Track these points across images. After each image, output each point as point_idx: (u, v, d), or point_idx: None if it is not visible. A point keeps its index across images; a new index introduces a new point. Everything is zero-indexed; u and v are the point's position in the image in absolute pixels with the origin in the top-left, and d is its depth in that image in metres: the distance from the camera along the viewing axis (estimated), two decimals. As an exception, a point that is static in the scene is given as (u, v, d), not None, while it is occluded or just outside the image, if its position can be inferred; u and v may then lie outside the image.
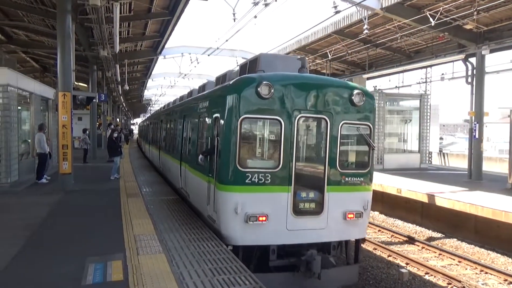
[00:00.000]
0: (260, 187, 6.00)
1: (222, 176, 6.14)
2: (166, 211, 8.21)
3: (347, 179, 6.48)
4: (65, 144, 10.41)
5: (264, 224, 6.01)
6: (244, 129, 6.12)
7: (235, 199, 5.95)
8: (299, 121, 6.25)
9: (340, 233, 6.52)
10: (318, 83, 6.54)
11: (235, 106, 6.05)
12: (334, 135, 6.40)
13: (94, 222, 7.37)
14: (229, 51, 24.18)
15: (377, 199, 15.06)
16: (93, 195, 10.21)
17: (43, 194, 10.20)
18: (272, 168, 6.11)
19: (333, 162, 6.39)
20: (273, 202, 6.07)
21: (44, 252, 5.69)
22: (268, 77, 6.19)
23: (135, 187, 11.29)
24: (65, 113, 10.43)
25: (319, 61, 23.10)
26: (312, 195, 6.32)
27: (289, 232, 6.15)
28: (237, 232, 6.03)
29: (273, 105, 6.09)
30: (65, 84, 10.56)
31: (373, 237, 11.74)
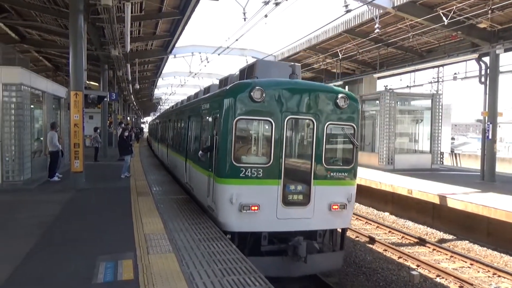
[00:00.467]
0: (253, 180, 6.75)
1: (219, 170, 6.87)
2: (176, 210, 8.24)
3: (332, 174, 7.20)
4: (77, 142, 10.52)
5: (256, 213, 6.74)
6: (239, 128, 6.85)
7: (231, 191, 6.68)
8: (288, 122, 6.98)
9: (325, 223, 7.21)
10: (306, 88, 7.24)
11: (231, 108, 6.80)
12: (320, 135, 7.11)
13: (105, 221, 7.44)
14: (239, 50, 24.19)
15: (387, 199, 14.93)
16: (104, 194, 10.30)
17: (55, 192, 10.33)
18: (264, 163, 6.85)
19: (319, 159, 7.11)
20: (264, 194, 6.80)
21: (56, 250, 5.75)
22: (261, 82, 6.92)
23: (145, 186, 11.36)
24: (77, 112, 10.53)
25: (329, 60, 22.96)
26: (300, 188, 7.03)
27: (279, 220, 6.88)
28: (232, 220, 6.75)
29: (265, 108, 6.82)
30: (77, 84, 10.66)
31: (383, 238, 11.63)
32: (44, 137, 13.11)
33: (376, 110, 19.49)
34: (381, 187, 14.40)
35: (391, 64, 21.30)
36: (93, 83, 26.67)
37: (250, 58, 25.44)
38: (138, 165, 17.05)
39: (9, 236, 6.49)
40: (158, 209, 8.32)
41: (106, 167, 16.00)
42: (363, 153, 20.00)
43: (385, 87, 22.45)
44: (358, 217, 13.98)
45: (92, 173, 12.80)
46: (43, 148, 13.09)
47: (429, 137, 18.80)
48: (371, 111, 20.61)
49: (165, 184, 12.01)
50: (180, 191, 10.67)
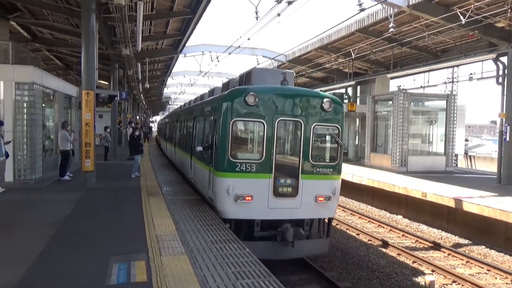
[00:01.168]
0: (247, 174, 7.78)
1: (218, 165, 7.95)
2: (187, 211, 8.24)
3: (318, 170, 8.18)
4: (88, 142, 10.60)
5: (250, 202, 7.75)
6: (235, 129, 7.95)
7: (227, 183, 7.72)
8: (279, 123, 8.00)
9: (312, 212, 8.22)
10: (295, 93, 8.27)
11: (228, 111, 7.87)
12: (307, 134, 8.09)
13: (116, 221, 7.46)
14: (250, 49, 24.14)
15: (400, 202, 14.77)
16: (114, 193, 10.35)
17: (66, 191, 10.41)
18: (257, 159, 7.88)
19: (307, 156, 8.09)
20: (257, 186, 7.81)
21: (68, 251, 5.78)
22: (254, 89, 7.99)
23: (155, 186, 11.40)
24: (89, 111, 10.61)
25: (341, 60, 22.81)
26: (289, 181, 8.05)
27: (270, 210, 7.87)
28: (229, 208, 7.78)
29: (258, 111, 7.86)
30: (89, 83, 10.74)
31: (396, 242, 11.49)
32: (55, 136, 13.25)
33: (389, 110, 19.30)
34: (394, 189, 14.24)
35: (405, 64, 21.07)
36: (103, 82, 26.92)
37: (261, 57, 25.40)
38: (147, 164, 17.14)
39: (21, 235, 6.54)
40: (169, 209, 8.33)
41: (116, 167, 16.11)
42: (375, 155, 19.84)
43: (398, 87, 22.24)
44: (370, 220, 13.85)
45: (102, 172, 12.88)
46: (54, 147, 13.22)
47: (443, 139, 18.55)
48: (384, 111, 20.42)
49: (175, 184, 12.03)
50: (190, 191, 10.68)
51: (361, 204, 16.76)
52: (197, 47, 24.95)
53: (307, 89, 9.45)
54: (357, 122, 24.13)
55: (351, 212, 14.97)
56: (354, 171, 17.61)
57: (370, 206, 16.24)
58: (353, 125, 24.21)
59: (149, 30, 18.70)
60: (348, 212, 15.09)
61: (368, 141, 20.35)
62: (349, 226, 12.81)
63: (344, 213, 14.98)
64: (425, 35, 16.67)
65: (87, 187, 10.63)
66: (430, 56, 19.48)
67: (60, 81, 14.27)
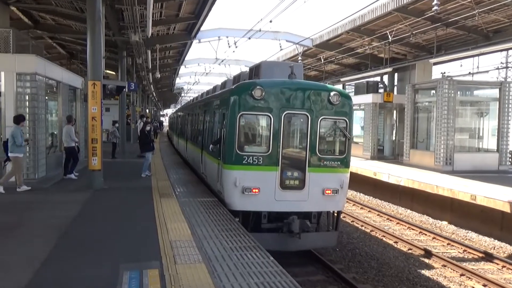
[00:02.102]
0: (254, 167, 8.77)
1: (226, 158, 8.97)
2: (204, 215, 8.32)
3: (326, 163, 9.09)
4: (95, 138, 10.80)
5: (257, 195, 8.72)
6: (243, 122, 8.90)
7: (235, 175, 8.72)
8: (286, 116, 8.90)
9: (319, 205, 9.16)
10: (302, 87, 9.17)
11: (236, 105, 8.87)
12: (314, 128, 8.99)
13: (126, 225, 7.61)
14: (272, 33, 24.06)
15: (445, 206, 14.47)
16: (124, 194, 10.56)
17: (71, 191, 10.68)
18: (264, 152, 8.85)
19: (313, 149, 9.00)
20: (264, 178, 8.78)
21: (76, 256, 5.93)
22: (261, 82, 8.98)
23: (168, 187, 11.55)
24: (95, 104, 10.81)
25: (376, 43, 22.47)
26: (296, 174, 9.00)
27: (277, 202, 8.83)
28: (236, 200, 8.80)
29: (264, 104, 8.80)
30: (95, 72, 10.93)
31: (441, 251, 11.28)
32: (59, 131, 13.58)
33: (432, 101, 18.90)
34: (438, 191, 13.96)
35: (450, 48, 20.54)
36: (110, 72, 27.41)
37: (284, 42, 25.28)
38: (159, 162, 17.38)
39: (27, 238, 6.76)
40: (184, 212, 8.43)
41: (125, 165, 16.42)
42: (415, 152, 19.50)
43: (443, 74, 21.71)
44: (410, 226, 13.64)
45: (110, 171, 13.14)
46: (58, 143, 13.55)
47: (496, 133, 18.00)
48: (426, 102, 20.01)
49: (189, 184, 12.16)
50: (206, 192, 10.77)
51: (399, 208, 16.52)
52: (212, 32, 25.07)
53: (314, 82, 10.60)
54: (394, 115, 23.76)
55: (387, 217, 14.78)
56: (391, 171, 17.37)
57: (409, 211, 15.98)
58: (389, 118, 23.85)
59: (160, 13, 18.90)
60: (384, 217, 14.91)
61: (407, 136, 20.00)
62: (385, 233, 12.66)
63: (380, 218, 14.81)
64: (474, 13, 16.17)
65: (94, 187, 10.87)
66: (480, 37, 18.90)
67: (64, 71, 14.59)
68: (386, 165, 19.65)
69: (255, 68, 10.68)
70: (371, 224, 13.54)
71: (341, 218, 14.47)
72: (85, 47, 11.37)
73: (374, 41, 22.31)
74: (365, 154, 22.87)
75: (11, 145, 10.20)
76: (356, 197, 18.70)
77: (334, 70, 32.69)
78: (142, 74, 29.53)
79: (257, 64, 10.75)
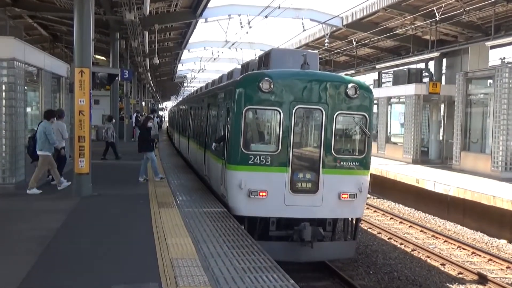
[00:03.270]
0: (261, 167, 9.24)
1: (230, 157, 9.53)
2: (211, 228, 8.36)
3: (342, 163, 9.51)
4: (82, 135, 10.91)
5: (264, 198, 9.21)
6: (249, 118, 9.43)
7: (240, 177, 9.20)
8: (297, 111, 9.35)
9: (334, 211, 9.62)
10: (315, 78, 9.63)
11: (241, 98, 9.39)
12: (329, 124, 9.40)
13: (119, 238, 7.69)
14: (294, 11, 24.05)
15: (504, 221, 14.25)
16: (116, 203, 10.68)
17: (55, 199, 10.85)
18: (272, 151, 9.33)
19: (329, 148, 9.43)
20: (272, 180, 9.25)
21: (60, 276, 6.02)
22: (269, 73, 9.48)
23: (168, 194, 11.65)
24: (83, 95, 10.92)
25: (420, 22, 22.26)
26: (309, 176, 9.44)
27: (286, 207, 9.28)
28: (241, 204, 9.34)
29: (273, 98, 9.25)
30: (83, 58, 11.03)
31: (499, 276, 11.12)
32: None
33: (488, 93, 18.65)
34: (495, 203, 13.78)
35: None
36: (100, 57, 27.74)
37: (307, 21, 25.23)
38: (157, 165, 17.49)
39: (3, 254, 6.88)
40: (187, 225, 8.49)
41: (117, 168, 16.59)
42: (467, 154, 19.28)
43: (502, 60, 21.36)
44: (461, 245, 13.49)
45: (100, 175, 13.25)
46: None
47: None
48: (481, 94, 19.76)
49: (193, 192, 12.23)
50: (213, 201, 10.83)
51: (447, 222, 16.35)
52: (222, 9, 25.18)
53: (330, 73, 11.15)
54: (442, 110, 23.52)
55: (432, 234, 14.64)
56: (437, 177, 17.20)
57: (459, 226, 15.81)
58: (435, 113, 23.63)
59: (159, -14, 19.05)
60: (429, 233, 14.77)
61: (458, 135, 19.77)
62: (430, 253, 12.55)
63: (423, 235, 14.68)
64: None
65: (82, 194, 11.00)
66: (550, 15, 18.59)
67: (46, 56, 14.76)
68: (431, 170, 19.47)
69: (264, 57, 11.16)
70: (413, 242, 13.42)
71: (376, 234, 14.43)
72: (71, 28, 11.56)
73: (417, 20, 22.09)
74: (406, 157, 22.71)
75: (41, 142, 11.27)
76: (394, 209, 18.57)
77: (368, 55, 32.51)
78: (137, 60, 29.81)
79: (267, 52, 11.25)
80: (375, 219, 16.67)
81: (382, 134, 24.88)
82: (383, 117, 24.66)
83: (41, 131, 11.29)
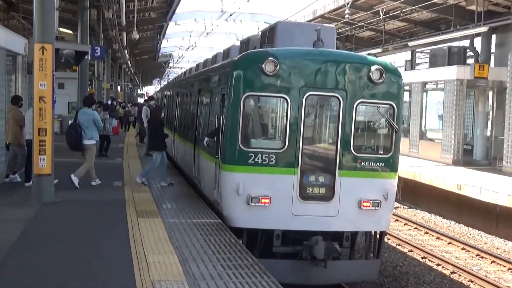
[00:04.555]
0: (263, 168, 9.19)
1: (225, 155, 9.50)
2: (202, 244, 8.35)
3: (364, 164, 9.45)
4: (43, 127, 10.86)
5: (267, 206, 9.15)
6: (249, 107, 9.45)
7: (237, 179, 9.15)
8: (308, 99, 9.33)
9: (354, 223, 9.59)
10: (331, 58, 9.61)
11: (239, 83, 9.36)
12: (348, 115, 9.36)
13: (88, 256, 7.65)
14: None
15: None
16: (84, 211, 10.67)
17: (9, 206, 10.84)
18: (277, 148, 9.31)
19: (347, 145, 9.38)
20: (277, 184, 9.22)
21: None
22: (275, 52, 9.42)
23: (149, 201, 11.65)
24: (44, 78, 10.85)
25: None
26: (322, 179, 9.46)
27: (294, 217, 9.23)
28: (239, 214, 9.30)
29: (279, 82, 9.23)
30: (45, 32, 10.98)
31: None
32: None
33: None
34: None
35: None
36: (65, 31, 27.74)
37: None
38: (135, 165, 17.54)
39: None
40: (172, 240, 8.48)
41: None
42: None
43: None
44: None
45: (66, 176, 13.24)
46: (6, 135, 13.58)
47: None
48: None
49: (180, 198, 12.24)
50: (206, 210, 10.83)
51: (495, 238, 16.36)
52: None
53: (350, 52, 11.55)
54: (490, 98, 23.45)
55: (477, 253, 14.65)
56: (483, 182, 17.21)
57: (510, 243, 15.80)
58: (482, 102, 23.56)
59: None
60: (473, 252, 14.78)
61: (510, 130, 19.73)
62: (474, 277, 12.55)
63: (466, 254, 14.69)
64: None
65: (43, 200, 10.98)
66: None
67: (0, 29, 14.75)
68: (477, 173, 19.46)
69: (268, 31, 11.17)
70: (453, 263, 13.44)
71: (406, 252, 14.42)
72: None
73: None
74: (445, 156, 22.67)
75: (89, 130, 12.70)
76: (429, 222, 18.56)
77: (399, 29, 32.43)
78: (112, 35, 29.82)
79: (272, 25, 11.25)
80: (405, 233, 16.67)
81: (415, 129, 24.84)
82: (416, 107, 24.61)
83: (89, 119, 12.79)
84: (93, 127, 12.78)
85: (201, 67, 18.68)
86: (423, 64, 35.99)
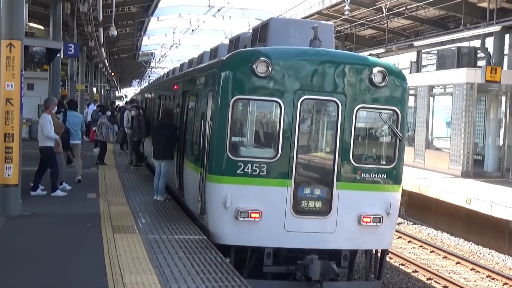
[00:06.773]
0: (253, 179, 9.20)
1: (211, 165, 9.51)
2: (185, 263, 8.34)
3: (364, 175, 9.48)
4: (10, 132, 10.84)
5: (258, 222, 9.17)
6: (238, 111, 9.52)
7: (224, 192, 9.16)
8: (304, 103, 9.37)
9: (353, 240, 9.61)
10: (329, 59, 9.69)
11: (227, 85, 9.41)
12: (347, 122, 9.37)
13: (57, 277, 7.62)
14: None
15: None
16: (54, 226, 10.62)
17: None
18: (269, 158, 9.33)
19: (346, 154, 9.40)
20: (269, 197, 9.25)
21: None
22: (267, 52, 9.46)
23: (126, 215, 11.63)
24: (12, 78, 10.85)
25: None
26: (318, 192, 9.47)
27: (288, 233, 9.25)
28: (226, 230, 9.33)
29: (272, 85, 9.24)
30: (13, 27, 11.00)
31: None
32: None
33: None
34: None
35: None
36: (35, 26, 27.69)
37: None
38: (112, 175, 17.50)
39: None
40: (151, 258, 8.46)
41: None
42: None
43: None
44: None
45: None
46: None
47: None
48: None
49: (161, 212, 12.20)
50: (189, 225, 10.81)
51: (508, 258, 16.42)
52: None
53: (349, 52, 11.74)
54: (503, 104, 23.59)
55: (488, 274, 14.70)
56: (495, 196, 17.27)
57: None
58: (494, 108, 23.71)
59: None
60: (483, 273, 14.83)
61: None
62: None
63: (475, 275, 14.75)
64: None
65: (8, 213, 10.93)
66: None
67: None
68: (488, 186, 19.53)
69: (260, 29, 11.26)
70: (461, 285, 13.50)
71: (410, 273, 14.44)
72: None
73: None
74: (453, 167, 22.74)
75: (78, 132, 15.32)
76: (436, 239, 18.61)
77: (404, 27, 32.62)
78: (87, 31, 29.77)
79: (264, 22, 11.32)
80: (409, 252, 16.71)
81: (420, 137, 24.92)
82: (422, 114, 24.70)
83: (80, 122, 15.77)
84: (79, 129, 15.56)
85: (186, 67, 18.78)
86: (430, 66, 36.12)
